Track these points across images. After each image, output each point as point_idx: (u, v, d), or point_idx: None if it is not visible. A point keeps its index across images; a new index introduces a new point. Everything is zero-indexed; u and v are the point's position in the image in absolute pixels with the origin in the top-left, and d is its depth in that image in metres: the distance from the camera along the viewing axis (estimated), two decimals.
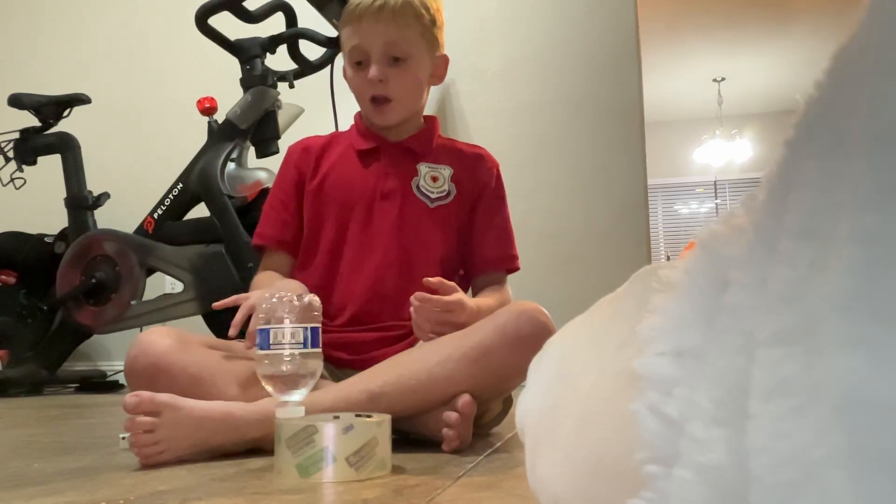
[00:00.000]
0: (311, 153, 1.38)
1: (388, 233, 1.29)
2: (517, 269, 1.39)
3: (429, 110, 2.90)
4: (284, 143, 2.35)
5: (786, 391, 0.27)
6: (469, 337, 1.09)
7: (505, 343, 1.06)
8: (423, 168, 1.34)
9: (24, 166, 2.65)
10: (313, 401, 0.99)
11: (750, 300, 0.31)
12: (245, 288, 1.64)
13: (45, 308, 2.56)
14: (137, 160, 3.04)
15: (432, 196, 1.32)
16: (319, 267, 1.30)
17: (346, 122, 2.63)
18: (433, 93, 2.73)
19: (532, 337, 1.06)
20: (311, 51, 2.33)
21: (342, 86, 2.47)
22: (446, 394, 1.06)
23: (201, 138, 2.41)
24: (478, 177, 1.37)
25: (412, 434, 1.11)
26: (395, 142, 1.36)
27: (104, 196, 2.65)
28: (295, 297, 0.94)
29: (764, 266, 0.31)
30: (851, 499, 0.23)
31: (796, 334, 0.27)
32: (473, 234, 1.36)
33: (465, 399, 1.05)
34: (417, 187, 1.32)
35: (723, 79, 6.14)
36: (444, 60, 1.40)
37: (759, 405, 0.28)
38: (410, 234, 1.29)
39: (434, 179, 1.33)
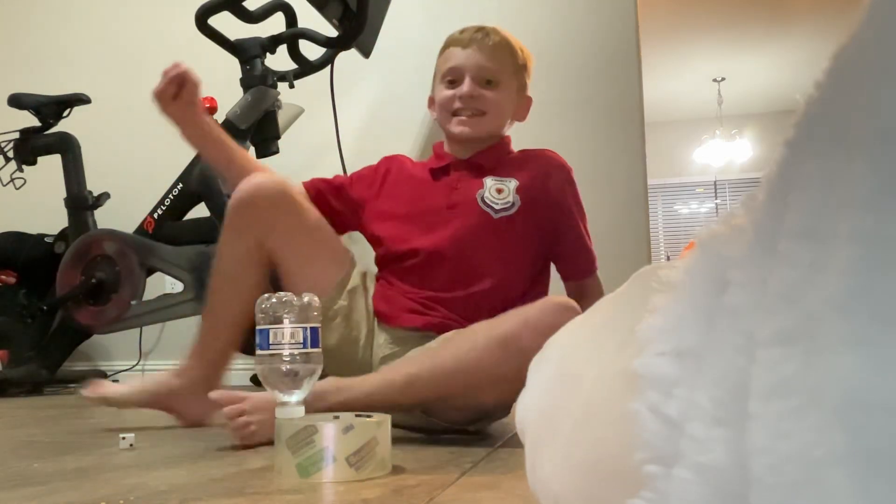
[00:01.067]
0: (395, 164, 1.50)
1: (450, 242, 1.34)
2: (596, 269, 1.49)
3: (429, 111, 2.86)
4: (284, 143, 2.37)
5: (786, 391, 0.27)
6: (496, 327, 1.14)
7: (528, 329, 1.10)
8: (489, 181, 1.40)
9: (24, 166, 2.64)
10: (358, 384, 1.14)
11: (750, 300, 0.31)
12: None
13: (45, 308, 2.56)
14: (137, 160, 3.03)
15: (496, 207, 1.37)
16: (388, 273, 1.39)
17: (347, 123, 2.64)
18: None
19: (554, 325, 1.10)
20: (311, 51, 2.33)
21: (342, 86, 2.48)
22: (474, 378, 1.12)
23: None
24: (549, 189, 1.42)
25: (437, 421, 1.19)
26: (465, 158, 1.44)
27: (104, 196, 2.65)
28: (294, 298, 0.94)
29: (764, 266, 0.31)
30: (851, 498, 0.23)
31: (796, 334, 0.27)
32: (557, 246, 1.44)
33: None
34: (482, 199, 1.37)
35: (723, 79, 6.14)
36: (528, 101, 1.52)
37: (759, 405, 0.28)
38: (472, 244, 1.34)
39: (499, 191, 1.38)
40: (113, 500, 0.74)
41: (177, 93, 1.39)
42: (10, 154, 2.63)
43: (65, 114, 2.67)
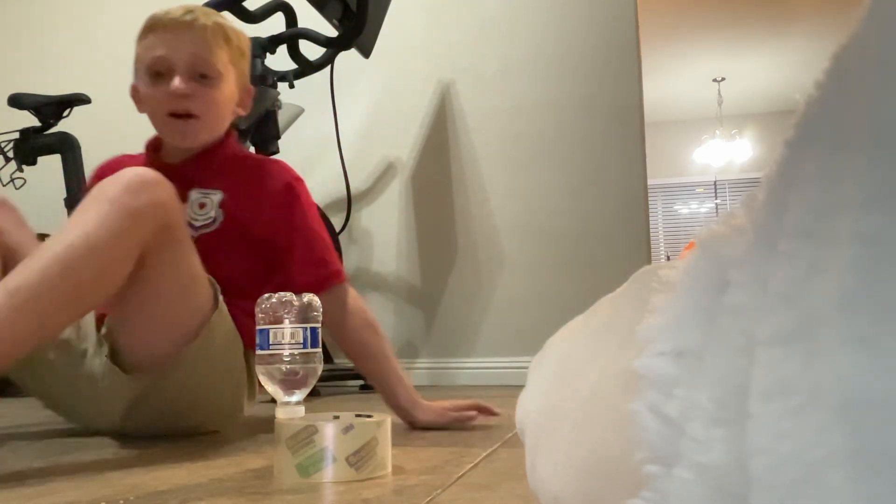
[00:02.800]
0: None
1: None
2: (341, 280, 1.28)
3: (429, 111, 2.86)
4: (284, 143, 2.36)
5: (786, 391, 0.27)
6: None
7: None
8: (194, 195, 1.27)
9: (24, 166, 2.64)
10: None
11: (750, 300, 0.31)
12: None
13: None
14: None
15: (196, 224, 1.25)
16: None
17: (347, 123, 2.63)
18: (432, 94, 2.73)
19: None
20: (311, 51, 2.33)
21: (342, 86, 2.48)
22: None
23: None
24: (260, 201, 1.28)
25: None
26: (172, 165, 1.27)
27: None
28: (294, 297, 0.94)
29: (764, 266, 0.31)
30: (851, 499, 0.23)
31: (797, 334, 0.27)
32: (282, 259, 1.29)
33: None
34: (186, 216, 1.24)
35: (723, 79, 6.14)
36: (250, 92, 1.36)
37: (760, 405, 0.28)
38: None
39: (201, 206, 1.26)
40: (113, 500, 0.74)
41: None
42: (10, 154, 2.64)
43: (65, 114, 2.67)
